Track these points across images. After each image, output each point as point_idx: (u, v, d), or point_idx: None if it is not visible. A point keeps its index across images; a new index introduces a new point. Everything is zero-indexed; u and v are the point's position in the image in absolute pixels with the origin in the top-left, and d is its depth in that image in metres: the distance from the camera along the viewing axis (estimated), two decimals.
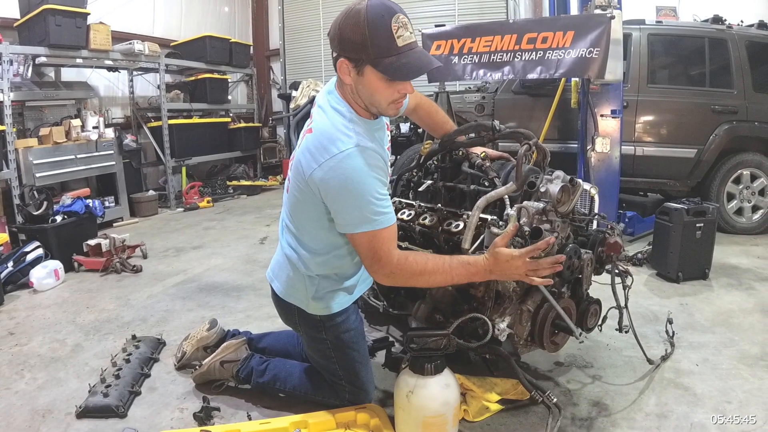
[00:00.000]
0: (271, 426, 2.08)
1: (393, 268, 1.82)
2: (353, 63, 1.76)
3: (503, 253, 1.80)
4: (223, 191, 8.32)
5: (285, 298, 2.14)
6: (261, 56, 10.51)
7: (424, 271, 1.83)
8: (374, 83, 1.78)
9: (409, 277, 1.85)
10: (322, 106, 1.94)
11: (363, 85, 1.80)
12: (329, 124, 1.85)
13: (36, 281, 3.99)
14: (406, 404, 1.93)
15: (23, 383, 2.61)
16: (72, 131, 5.78)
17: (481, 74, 4.78)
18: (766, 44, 5.24)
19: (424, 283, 1.88)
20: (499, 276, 1.85)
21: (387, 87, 1.79)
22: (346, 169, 1.75)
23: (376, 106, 1.86)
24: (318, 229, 1.97)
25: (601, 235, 2.33)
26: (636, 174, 5.25)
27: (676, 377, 2.51)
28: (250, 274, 4.29)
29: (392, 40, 1.69)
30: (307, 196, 1.89)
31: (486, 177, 2.29)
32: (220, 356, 2.44)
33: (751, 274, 3.99)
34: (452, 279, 1.87)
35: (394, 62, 1.72)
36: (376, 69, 1.73)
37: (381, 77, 1.76)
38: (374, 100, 1.84)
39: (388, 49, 1.70)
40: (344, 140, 1.79)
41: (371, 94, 1.81)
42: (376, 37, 1.68)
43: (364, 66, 1.74)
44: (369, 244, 1.81)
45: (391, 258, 1.81)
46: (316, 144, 1.82)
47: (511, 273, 1.82)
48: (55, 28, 5.59)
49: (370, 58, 1.71)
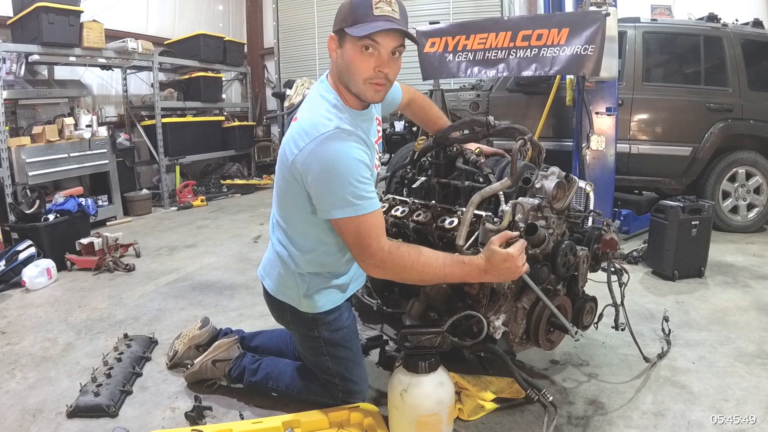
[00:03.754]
0: (263, 425, 2.06)
1: (383, 257, 1.77)
2: (338, 35, 1.81)
3: (499, 254, 1.77)
4: (217, 190, 8.29)
5: (276, 296, 2.11)
6: (255, 55, 10.48)
7: (415, 264, 1.78)
8: (350, 54, 1.79)
9: (400, 269, 1.80)
10: (310, 96, 1.94)
11: (343, 59, 1.82)
12: (313, 110, 1.85)
13: (28, 280, 3.97)
14: (400, 403, 1.92)
15: (14, 383, 2.59)
16: (65, 130, 5.75)
17: (476, 72, 4.78)
18: (761, 42, 5.25)
19: (415, 277, 1.83)
20: (494, 277, 1.83)
21: (362, 59, 1.78)
22: (327, 150, 1.73)
23: (354, 84, 1.84)
24: (305, 223, 1.95)
25: (596, 231, 2.33)
26: (631, 172, 5.26)
27: (673, 375, 2.50)
28: (243, 272, 4.27)
29: (369, 8, 1.73)
30: (291, 185, 1.87)
31: (480, 173, 2.27)
32: (211, 355, 2.42)
33: (747, 272, 4.00)
34: (445, 277, 1.82)
35: (364, 26, 1.73)
36: (348, 33, 1.74)
37: (355, 46, 1.77)
38: (352, 78, 1.82)
39: (364, 15, 1.73)
40: (325, 123, 1.78)
41: (348, 68, 1.81)
42: (357, 7, 1.74)
43: (344, 35, 1.77)
44: (355, 231, 1.77)
45: (381, 246, 1.77)
46: (298, 130, 1.81)
47: (506, 274, 1.81)
48: (48, 26, 5.56)
49: (348, 24, 1.75)
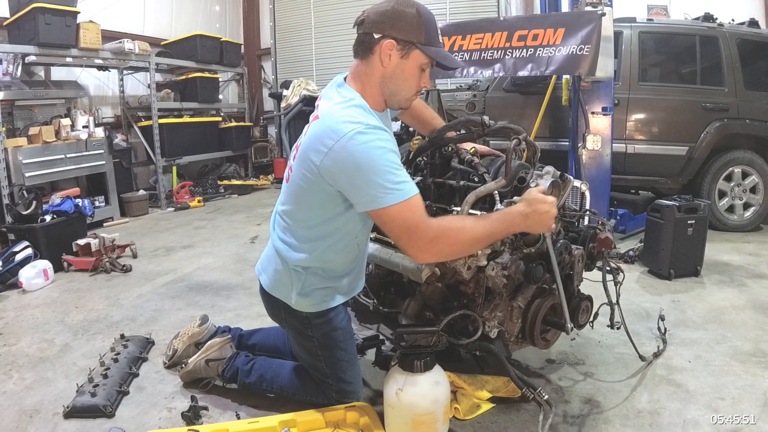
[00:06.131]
0: (259, 425, 2.06)
1: (435, 233, 1.73)
2: (401, 45, 1.81)
3: (539, 196, 1.84)
4: (214, 191, 8.28)
5: (271, 292, 2.11)
6: (252, 55, 10.48)
7: (464, 228, 1.76)
8: (411, 70, 1.85)
9: (453, 239, 1.76)
10: (329, 96, 1.91)
11: (401, 70, 1.85)
12: (337, 108, 1.82)
13: (25, 281, 3.96)
14: (396, 402, 1.92)
15: (11, 383, 2.58)
16: (62, 130, 5.73)
17: (472, 72, 4.79)
18: (756, 42, 5.26)
19: (468, 241, 1.78)
20: (533, 222, 1.82)
21: (418, 77, 1.88)
22: (359, 144, 1.70)
23: (399, 96, 1.91)
24: (320, 219, 1.92)
25: (592, 231, 2.33)
26: (627, 172, 5.28)
27: (669, 374, 2.51)
28: (240, 273, 4.26)
29: (438, 33, 1.85)
30: (314, 184, 1.84)
31: (476, 173, 2.27)
32: (204, 355, 2.42)
33: (743, 270, 4.01)
34: (492, 232, 1.81)
35: (440, 51, 1.86)
36: (425, 53, 1.82)
37: (422, 64, 1.85)
38: (401, 90, 1.89)
39: (435, 39, 1.84)
40: (352, 120, 1.75)
41: (403, 81, 1.87)
42: (428, 27, 1.81)
43: (413, 50, 1.82)
44: (400, 216, 1.73)
45: (429, 224, 1.74)
46: (324, 128, 1.77)
47: (543, 218, 1.83)
48: (45, 27, 5.55)
49: (421, 42, 1.81)
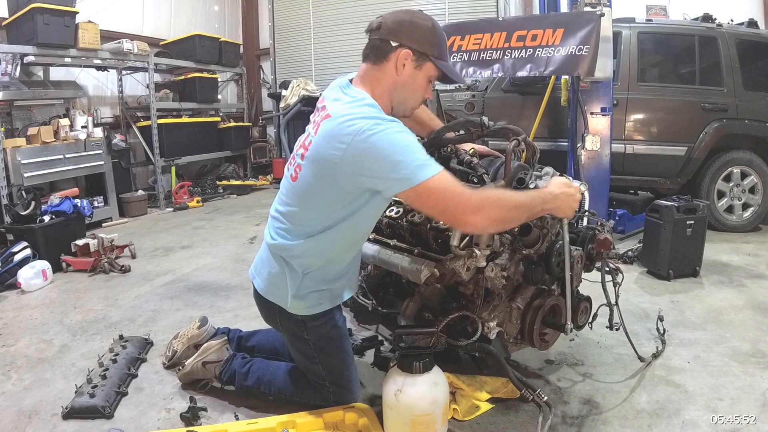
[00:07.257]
0: (258, 426, 2.06)
1: (479, 198, 1.71)
2: (416, 56, 1.87)
3: (562, 180, 1.97)
4: (213, 191, 8.26)
5: (266, 295, 2.11)
6: (251, 55, 10.48)
7: (504, 194, 1.83)
8: (422, 81, 1.93)
9: (499, 203, 1.75)
10: (337, 97, 1.88)
11: (413, 80, 1.91)
12: (349, 106, 1.80)
13: (24, 281, 3.95)
14: (395, 403, 1.92)
15: (9, 384, 2.58)
16: (60, 131, 5.74)
17: (471, 72, 4.78)
18: (755, 42, 5.27)
19: (514, 207, 1.79)
20: (561, 203, 1.91)
21: (425, 87, 1.96)
22: (378, 133, 1.68)
23: (405, 106, 1.98)
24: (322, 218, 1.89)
25: (591, 231, 2.33)
26: (626, 172, 5.28)
27: (668, 374, 2.51)
28: (238, 273, 4.26)
29: (447, 48, 1.96)
30: (327, 182, 1.80)
31: (474, 173, 2.27)
32: (200, 357, 2.42)
33: (742, 271, 4.01)
34: (531, 202, 1.84)
35: (449, 66, 1.98)
36: (437, 66, 1.91)
37: (431, 76, 1.93)
38: (409, 99, 1.96)
39: (446, 54, 1.95)
40: (367, 115, 1.73)
41: (412, 91, 1.94)
42: (441, 41, 1.91)
43: (426, 62, 1.89)
44: (440, 188, 1.69)
45: (471, 191, 1.72)
46: (339, 125, 1.74)
47: (570, 200, 1.93)
48: (44, 27, 5.55)
49: (434, 55, 1.89)
